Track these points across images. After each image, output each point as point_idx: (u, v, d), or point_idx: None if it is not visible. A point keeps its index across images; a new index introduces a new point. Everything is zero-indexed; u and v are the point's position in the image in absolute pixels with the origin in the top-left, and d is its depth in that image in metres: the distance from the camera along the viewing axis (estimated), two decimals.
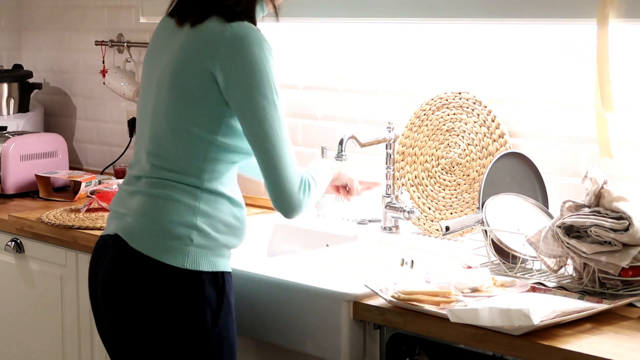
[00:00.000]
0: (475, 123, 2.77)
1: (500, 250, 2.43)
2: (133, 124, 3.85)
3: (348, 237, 2.86)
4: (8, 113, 4.03)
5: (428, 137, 2.87)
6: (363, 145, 2.85)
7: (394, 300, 2.19)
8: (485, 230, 2.44)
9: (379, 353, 2.27)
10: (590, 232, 2.23)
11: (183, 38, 2.26)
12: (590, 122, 2.52)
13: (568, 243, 2.25)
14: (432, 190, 2.87)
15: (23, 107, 4.07)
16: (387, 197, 2.90)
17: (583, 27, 2.50)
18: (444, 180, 2.84)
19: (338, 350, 2.26)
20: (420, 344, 2.22)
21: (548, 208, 2.58)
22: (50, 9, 4.19)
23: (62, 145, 3.80)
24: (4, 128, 3.84)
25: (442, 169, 2.84)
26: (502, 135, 2.72)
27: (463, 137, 2.79)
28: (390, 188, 2.90)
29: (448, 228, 2.50)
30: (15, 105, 4.05)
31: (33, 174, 3.61)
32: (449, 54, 2.87)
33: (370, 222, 2.98)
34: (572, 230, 2.27)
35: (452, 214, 2.81)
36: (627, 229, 2.21)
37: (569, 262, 2.32)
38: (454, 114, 2.81)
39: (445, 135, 2.83)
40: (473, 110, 2.78)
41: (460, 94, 2.81)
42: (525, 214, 2.51)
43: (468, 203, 2.79)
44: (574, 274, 2.31)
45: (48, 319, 3.18)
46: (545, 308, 2.01)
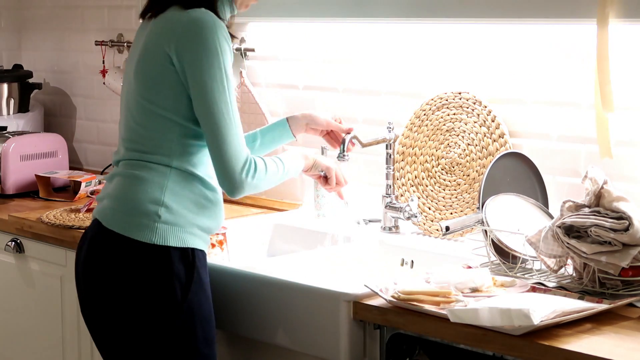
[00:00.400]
0: (475, 123, 2.77)
1: (500, 250, 2.43)
2: None
3: (348, 237, 2.86)
4: (8, 113, 4.03)
5: (428, 137, 2.87)
6: (364, 145, 2.85)
7: (394, 300, 2.19)
8: (485, 230, 2.44)
9: (379, 353, 2.27)
10: (590, 232, 2.23)
11: (148, 29, 2.38)
12: (590, 122, 2.52)
13: (568, 243, 2.24)
14: (432, 190, 2.87)
15: (23, 107, 4.06)
16: (387, 197, 2.90)
17: (583, 27, 2.50)
18: (444, 180, 2.84)
19: (338, 350, 2.26)
20: (420, 344, 2.22)
21: (548, 208, 2.58)
22: (50, 9, 4.19)
23: (62, 145, 3.80)
24: (4, 128, 3.84)
25: (442, 169, 2.84)
26: (502, 135, 2.72)
27: (463, 137, 2.79)
28: (390, 188, 2.90)
29: (448, 228, 2.50)
30: (15, 105, 4.05)
31: (33, 174, 3.60)
32: (449, 54, 2.87)
33: (370, 222, 2.98)
34: (572, 230, 2.27)
35: (452, 214, 2.81)
36: (627, 229, 2.21)
37: (569, 262, 2.31)
38: (454, 114, 2.81)
39: (445, 135, 2.83)
40: (473, 110, 2.78)
41: (460, 94, 2.81)
42: (525, 214, 2.51)
43: (468, 203, 2.79)
44: (574, 274, 2.31)
45: (48, 319, 3.18)
46: (545, 308, 2.01)
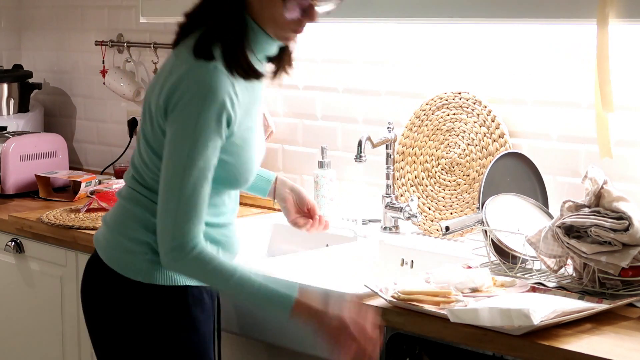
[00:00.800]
0: (475, 123, 2.77)
1: (500, 250, 2.43)
2: (133, 124, 3.85)
3: (348, 237, 2.86)
4: (8, 113, 4.03)
5: (428, 137, 2.87)
6: (375, 146, 2.85)
7: (394, 300, 2.19)
8: (485, 230, 2.44)
9: (379, 353, 2.26)
10: (590, 232, 2.23)
11: (165, 61, 2.23)
12: (590, 122, 2.52)
13: (568, 243, 2.24)
14: (432, 190, 2.87)
15: (23, 107, 4.06)
16: (387, 197, 2.90)
17: (583, 27, 2.50)
18: (444, 180, 2.84)
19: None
20: (420, 344, 2.22)
21: (548, 208, 2.58)
22: (50, 9, 4.18)
23: (62, 145, 3.80)
24: (4, 128, 3.84)
25: (442, 169, 2.84)
26: (502, 135, 2.72)
27: (463, 137, 2.79)
28: (390, 188, 2.90)
29: (448, 228, 2.50)
30: (15, 105, 4.05)
31: (33, 174, 3.60)
32: (449, 54, 2.87)
33: (370, 222, 2.98)
34: (572, 230, 2.27)
35: (452, 214, 2.81)
36: (627, 229, 2.21)
37: (569, 262, 2.31)
38: (454, 114, 2.81)
39: (445, 135, 2.83)
40: (473, 110, 2.78)
41: (460, 94, 2.81)
42: (525, 214, 2.51)
43: (468, 203, 2.79)
44: (574, 274, 2.31)
45: (48, 319, 3.18)
46: (545, 308, 2.01)
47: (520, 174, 2.61)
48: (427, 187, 2.88)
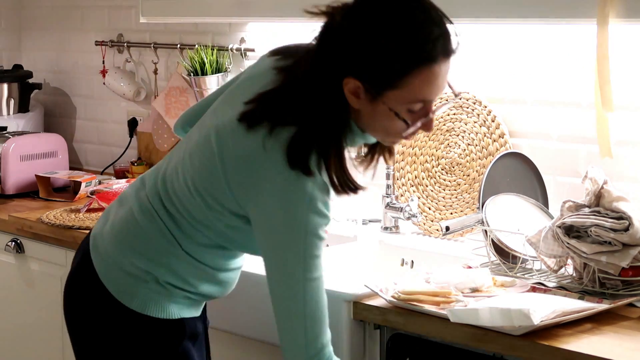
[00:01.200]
0: (475, 123, 2.77)
1: (500, 250, 2.43)
2: (133, 124, 3.85)
3: (348, 237, 2.86)
4: (8, 113, 4.03)
5: (428, 137, 2.87)
6: None
7: (394, 300, 2.19)
8: (485, 230, 2.44)
9: (379, 353, 2.27)
10: (591, 232, 2.23)
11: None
12: (590, 122, 2.52)
13: (568, 243, 2.24)
14: (432, 190, 2.87)
15: (23, 107, 4.07)
16: (387, 197, 2.89)
17: (583, 27, 2.50)
18: (444, 180, 2.84)
19: (338, 350, 2.25)
20: (420, 344, 2.22)
21: (548, 208, 2.58)
22: (50, 9, 4.18)
23: (62, 146, 3.80)
24: (4, 128, 3.84)
25: (442, 169, 2.84)
26: (502, 135, 2.72)
27: (463, 137, 2.79)
28: (390, 188, 2.90)
29: (448, 228, 2.50)
30: (15, 106, 4.05)
31: (33, 174, 3.60)
32: None
33: (370, 222, 2.98)
34: (572, 230, 2.27)
35: (452, 214, 2.81)
36: (627, 229, 2.21)
37: (569, 262, 2.31)
38: (454, 114, 2.81)
39: (445, 135, 2.83)
40: (473, 110, 2.78)
41: (460, 94, 2.81)
42: (525, 214, 2.51)
43: (468, 203, 2.79)
44: (574, 274, 2.31)
45: (48, 319, 3.18)
46: (546, 308, 2.01)
47: (520, 174, 2.61)
48: (427, 187, 2.88)
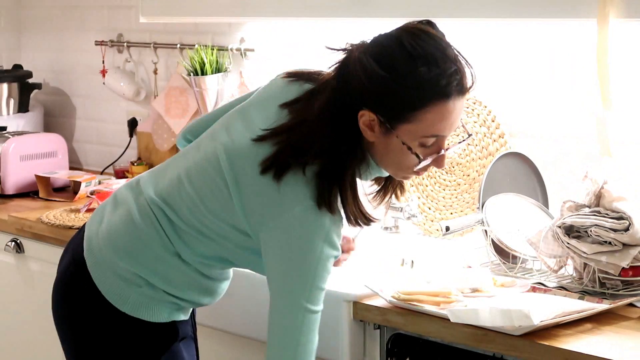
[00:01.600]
0: (475, 123, 2.77)
1: (500, 250, 2.43)
2: (133, 124, 3.85)
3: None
4: (8, 113, 4.03)
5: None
6: None
7: (394, 300, 2.19)
8: (485, 230, 2.44)
9: (379, 353, 2.27)
10: (591, 232, 2.23)
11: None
12: (590, 121, 2.52)
13: (568, 243, 2.24)
14: (432, 190, 2.87)
15: (23, 107, 4.06)
16: None
17: (583, 26, 2.50)
18: (444, 180, 2.84)
19: (338, 350, 2.26)
20: (420, 344, 2.22)
21: (548, 208, 2.58)
22: (50, 9, 4.18)
23: (62, 145, 3.80)
24: (4, 128, 3.84)
25: (442, 169, 2.84)
26: (502, 136, 2.72)
27: (463, 137, 2.79)
28: None
29: (448, 228, 2.50)
30: (15, 105, 4.05)
31: (33, 174, 3.60)
32: None
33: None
34: (572, 230, 2.27)
35: (452, 214, 2.81)
36: (627, 229, 2.21)
37: (569, 262, 2.31)
38: None
39: None
40: (473, 110, 2.78)
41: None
42: (525, 214, 2.51)
43: (468, 203, 2.79)
44: (574, 274, 2.31)
45: (48, 319, 3.17)
46: (546, 308, 2.01)
47: (520, 174, 2.61)
48: (427, 187, 2.88)
